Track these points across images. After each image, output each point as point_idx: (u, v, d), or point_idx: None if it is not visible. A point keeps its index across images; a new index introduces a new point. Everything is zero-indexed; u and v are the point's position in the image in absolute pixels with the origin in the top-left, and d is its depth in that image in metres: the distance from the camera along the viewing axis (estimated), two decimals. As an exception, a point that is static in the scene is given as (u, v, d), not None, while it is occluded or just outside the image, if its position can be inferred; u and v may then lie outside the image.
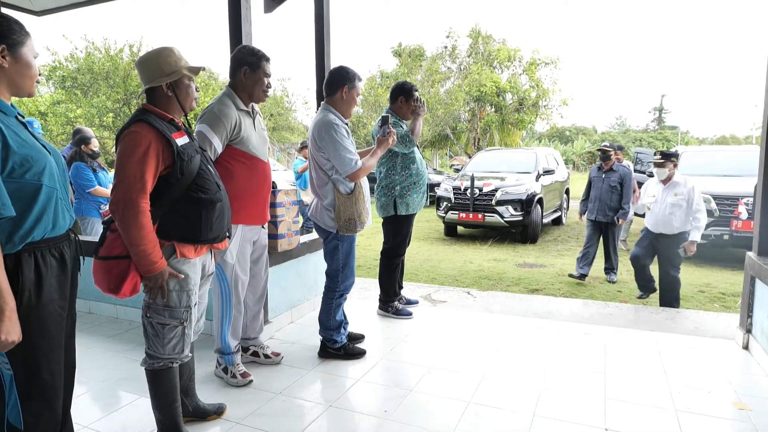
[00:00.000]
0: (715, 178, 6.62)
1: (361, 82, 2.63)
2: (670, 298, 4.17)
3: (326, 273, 2.72)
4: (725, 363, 2.68)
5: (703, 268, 6.05)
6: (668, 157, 4.07)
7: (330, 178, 2.52)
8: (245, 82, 2.28)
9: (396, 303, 3.48)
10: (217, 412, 2.10)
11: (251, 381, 2.44)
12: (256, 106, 2.44)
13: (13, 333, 1.25)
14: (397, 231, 3.35)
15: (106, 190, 4.22)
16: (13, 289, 1.28)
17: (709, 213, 6.20)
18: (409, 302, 3.66)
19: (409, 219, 3.36)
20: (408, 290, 4.50)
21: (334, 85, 2.56)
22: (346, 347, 2.77)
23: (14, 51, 1.33)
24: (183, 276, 1.75)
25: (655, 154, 4.14)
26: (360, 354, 2.77)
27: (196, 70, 1.79)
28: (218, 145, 2.16)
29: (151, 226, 1.64)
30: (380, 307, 3.51)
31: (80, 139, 4.22)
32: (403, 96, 3.28)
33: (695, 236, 4.00)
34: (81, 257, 1.55)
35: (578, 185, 11.25)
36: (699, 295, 4.74)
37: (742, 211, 6.02)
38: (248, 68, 2.26)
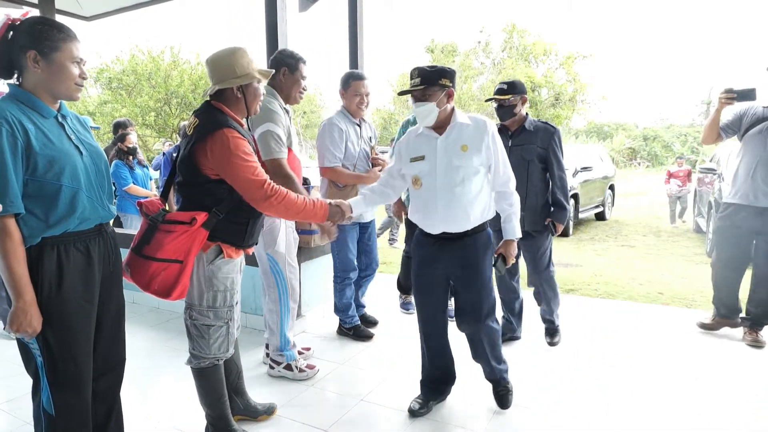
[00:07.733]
0: None
1: (364, 80, 2.74)
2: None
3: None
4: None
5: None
6: (435, 77, 1.86)
7: None
8: (284, 82, 2.37)
9: (406, 296, 3.50)
10: (267, 411, 2.09)
11: (318, 371, 2.50)
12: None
13: (26, 324, 1.29)
14: (409, 234, 3.30)
15: (141, 189, 4.39)
16: (34, 281, 1.32)
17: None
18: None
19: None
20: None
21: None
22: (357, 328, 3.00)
23: (47, 56, 1.34)
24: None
25: (411, 76, 1.92)
26: (367, 337, 2.97)
27: (266, 74, 1.79)
28: (283, 136, 2.23)
29: (293, 194, 1.71)
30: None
31: (118, 137, 4.45)
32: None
33: (514, 231, 2.05)
34: (115, 251, 1.54)
35: (618, 183, 10.88)
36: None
37: None
38: (287, 69, 2.36)
